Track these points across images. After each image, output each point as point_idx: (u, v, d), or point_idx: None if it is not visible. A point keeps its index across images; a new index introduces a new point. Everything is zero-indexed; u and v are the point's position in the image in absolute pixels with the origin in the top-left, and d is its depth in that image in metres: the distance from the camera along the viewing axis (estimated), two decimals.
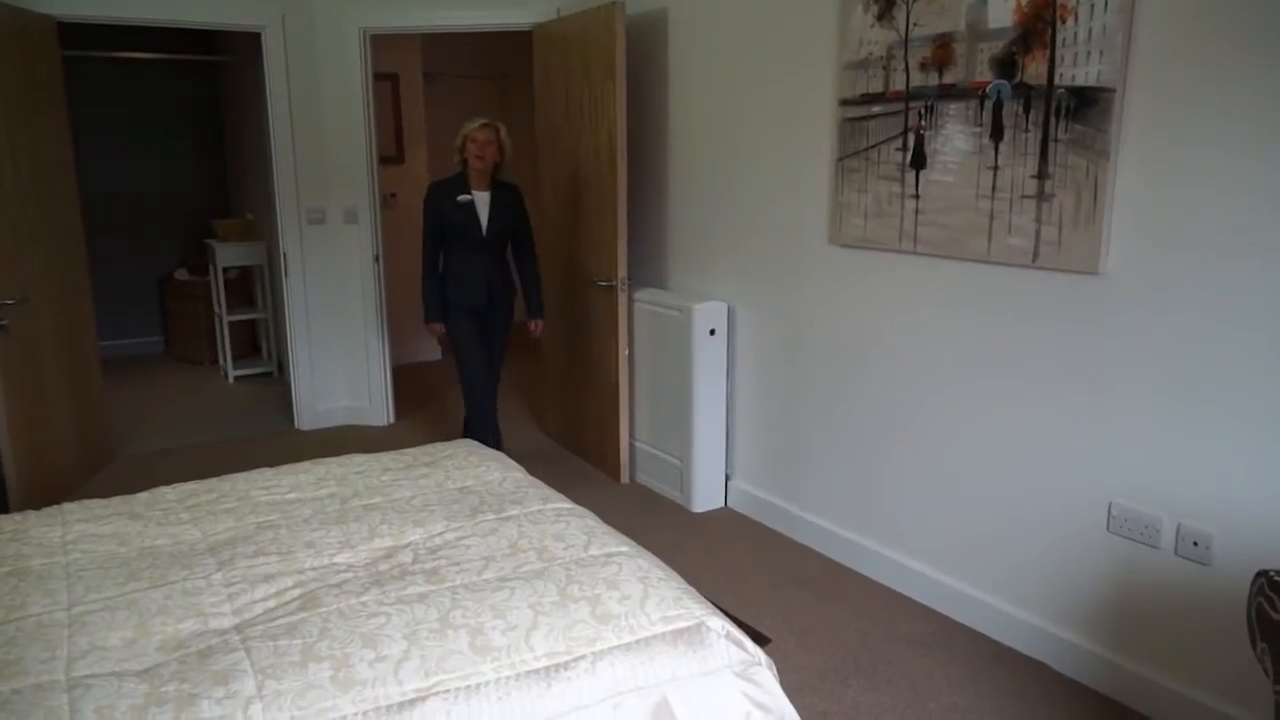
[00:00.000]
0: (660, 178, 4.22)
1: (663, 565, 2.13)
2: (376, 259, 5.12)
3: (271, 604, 1.86)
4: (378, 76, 5.25)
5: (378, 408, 5.28)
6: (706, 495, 3.99)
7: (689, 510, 3.98)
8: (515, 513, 2.34)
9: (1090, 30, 2.37)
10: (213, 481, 2.56)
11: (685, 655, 1.81)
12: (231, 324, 6.36)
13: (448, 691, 1.62)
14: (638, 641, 1.81)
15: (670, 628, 1.85)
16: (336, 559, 2.09)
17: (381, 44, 5.30)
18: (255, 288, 6.63)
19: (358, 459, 2.80)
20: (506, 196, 4.05)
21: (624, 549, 2.15)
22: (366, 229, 5.10)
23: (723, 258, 3.89)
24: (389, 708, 1.57)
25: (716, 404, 3.92)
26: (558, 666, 1.72)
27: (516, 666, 1.71)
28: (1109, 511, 2.53)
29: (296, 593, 1.90)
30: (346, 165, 5.02)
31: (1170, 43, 2.26)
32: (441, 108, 7.22)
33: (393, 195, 6.47)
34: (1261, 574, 1.69)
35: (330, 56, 4.90)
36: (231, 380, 6.34)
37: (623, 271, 4.08)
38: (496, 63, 7.43)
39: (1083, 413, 2.57)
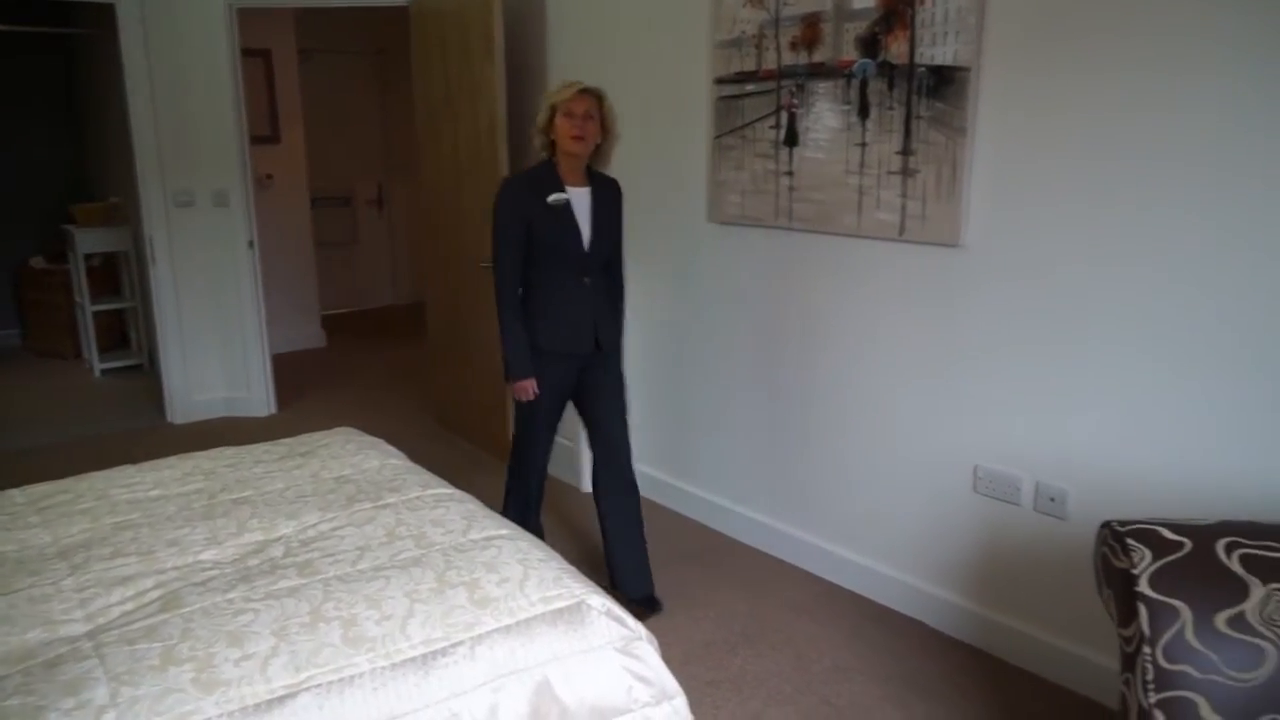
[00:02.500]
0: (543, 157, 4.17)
1: (544, 546, 2.12)
2: (251, 244, 4.93)
3: (129, 607, 1.78)
4: (248, 53, 5.04)
5: (258, 397, 5.10)
6: None
7: (581, 491, 3.97)
8: (393, 500, 2.29)
9: (947, 11, 2.44)
10: (67, 482, 2.43)
11: (566, 634, 1.81)
12: (96, 314, 6.03)
13: (319, 686, 1.58)
14: (517, 624, 1.79)
15: (550, 608, 1.85)
16: (202, 556, 2.01)
17: (251, 18, 5.08)
18: (121, 275, 6.31)
19: (228, 452, 2.70)
20: (609, 195, 2.85)
21: (504, 532, 2.13)
22: (240, 212, 4.90)
23: None
24: (256, 706, 1.52)
25: None
26: (435, 654, 1.70)
27: (392, 656, 1.68)
28: (975, 473, 2.65)
29: (157, 594, 1.82)
30: (216, 145, 4.81)
31: (1020, 24, 2.35)
32: (318, 85, 6.99)
33: (269, 176, 6.24)
34: (1106, 525, 1.79)
35: (194, 31, 4.67)
36: (98, 374, 6.02)
37: None
38: (375, 39, 7.23)
39: (949, 380, 2.67)
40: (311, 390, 5.60)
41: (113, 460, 2.66)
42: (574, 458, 3.99)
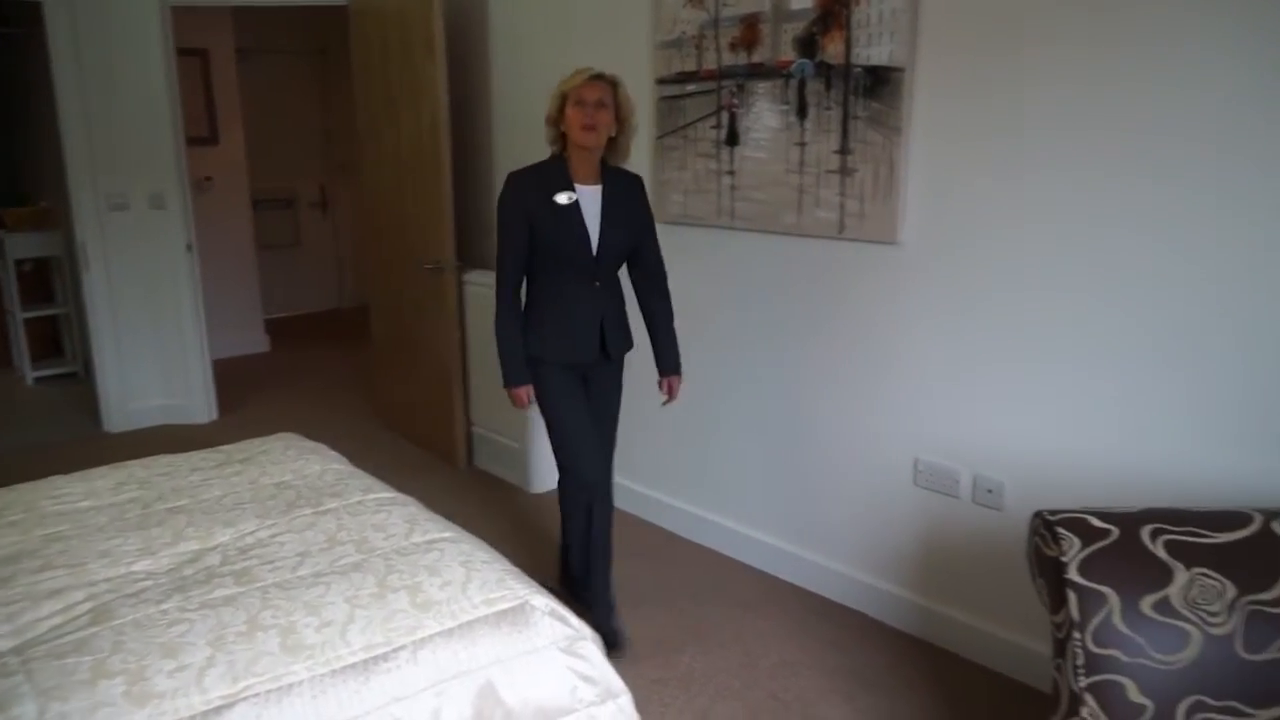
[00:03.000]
0: (486, 157, 4.16)
1: (487, 548, 2.12)
2: (189, 247, 4.82)
3: (58, 621, 1.74)
4: (184, 52, 4.93)
5: (198, 404, 5.00)
6: (544, 476, 3.98)
7: (528, 492, 3.96)
8: (334, 505, 2.26)
9: (881, 13, 2.48)
10: None
11: (509, 636, 1.81)
12: (28, 321, 5.86)
13: (257, 695, 1.56)
14: (460, 626, 1.79)
15: (493, 610, 1.84)
16: (135, 567, 1.97)
17: (187, 17, 4.97)
18: (54, 281, 6.13)
19: (164, 460, 2.64)
20: (625, 192, 2.62)
21: (447, 534, 2.12)
22: (177, 214, 4.79)
23: None
24: (192, 718, 1.50)
25: None
26: (376, 659, 1.68)
27: (332, 663, 1.66)
28: (915, 466, 2.69)
29: (87, 606, 1.78)
30: (151, 147, 4.69)
31: (952, 24, 2.39)
32: (257, 86, 6.87)
33: (207, 179, 6.12)
34: (1038, 514, 1.84)
35: (127, 30, 4.55)
36: (30, 382, 5.85)
37: (451, 254, 4.00)
38: (315, 38, 7.13)
39: (889, 375, 2.71)
40: (254, 396, 5.51)
41: (44, 471, 2.59)
42: (520, 461, 3.97)
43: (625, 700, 1.90)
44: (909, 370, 2.66)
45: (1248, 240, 1.99)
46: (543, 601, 1.89)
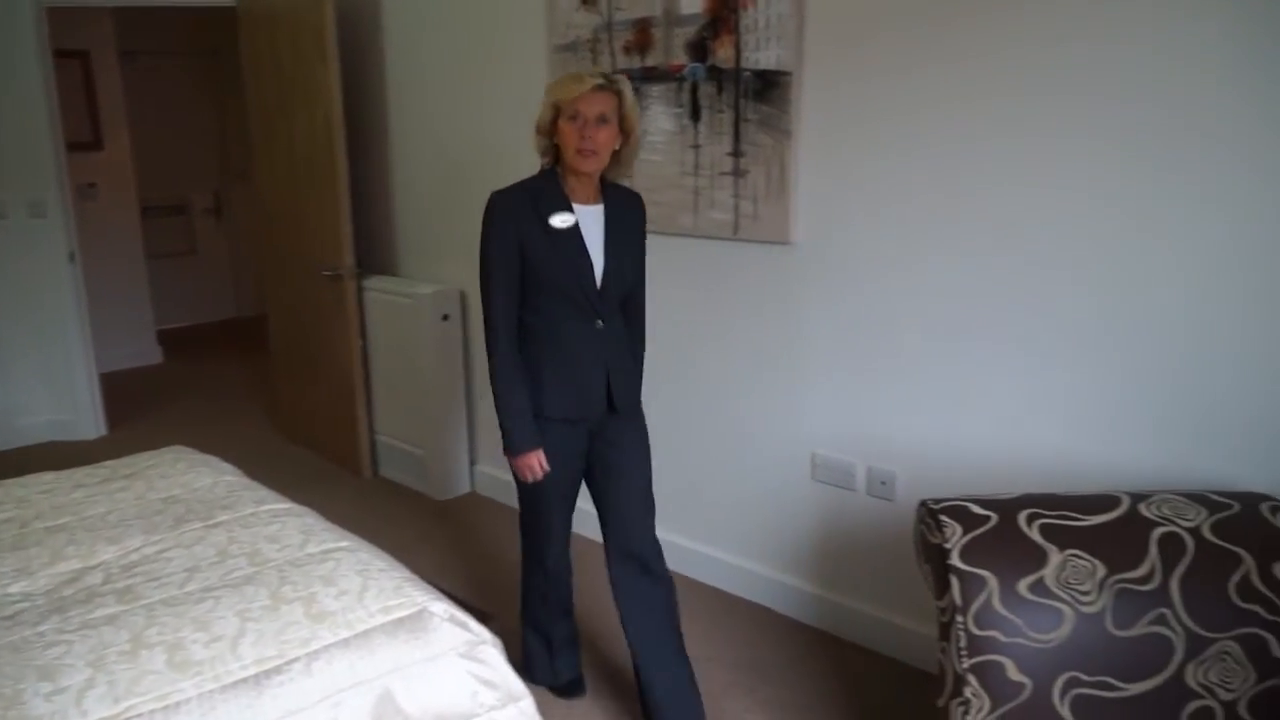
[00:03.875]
0: (384, 161, 4.10)
1: (386, 556, 2.09)
2: (72, 256, 4.62)
3: None
4: (62, 54, 4.75)
5: (86, 419, 4.79)
6: (451, 483, 3.95)
7: (434, 499, 3.92)
8: (225, 518, 2.20)
9: (769, 17, 2.54)
10: None
11: (408, 643, 1.79)
12: None
13: (141, 715, 1.51)
14: (356, 636, 1.76)
15: (391, 618, 1.82)
16: (11, 589, 1.88)
17: (64, 18, 4.77)
18: None
19: (46, 477, 2.53)
20: (627, 213, 2.25)
21: (344, 544, 2.09)
22: (58, 223, 4.59)
23: (453, 241, 3.84)
24: None
25: (455, 390, 3.89)
26: (269, 672, 1.65)
27: (222, 678, 1.62)
28: (813, 461, 2.76)
29: None
30: (28, 153, 4.48)
31: (836, 29, 2.46)
32: (145, 89, 6.62)
33: (91, 185, 5.87)
34: (923, 504, 1.91)
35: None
36: None
37: (349, 260, 3.93)
38: (205, 39, 6.90)
39: (786, 372, 2.77)
40: (146, 409, 5.30)
41: None
42: (425, 468, 3.93)
43: (527, 703, 1.90)
44: (805, 367, 2.73)
45: (1118, 242, 2.11)
46: (442, 607, 1.88)
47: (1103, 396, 2.18)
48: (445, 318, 3.79)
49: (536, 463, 2.19)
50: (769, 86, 2.58)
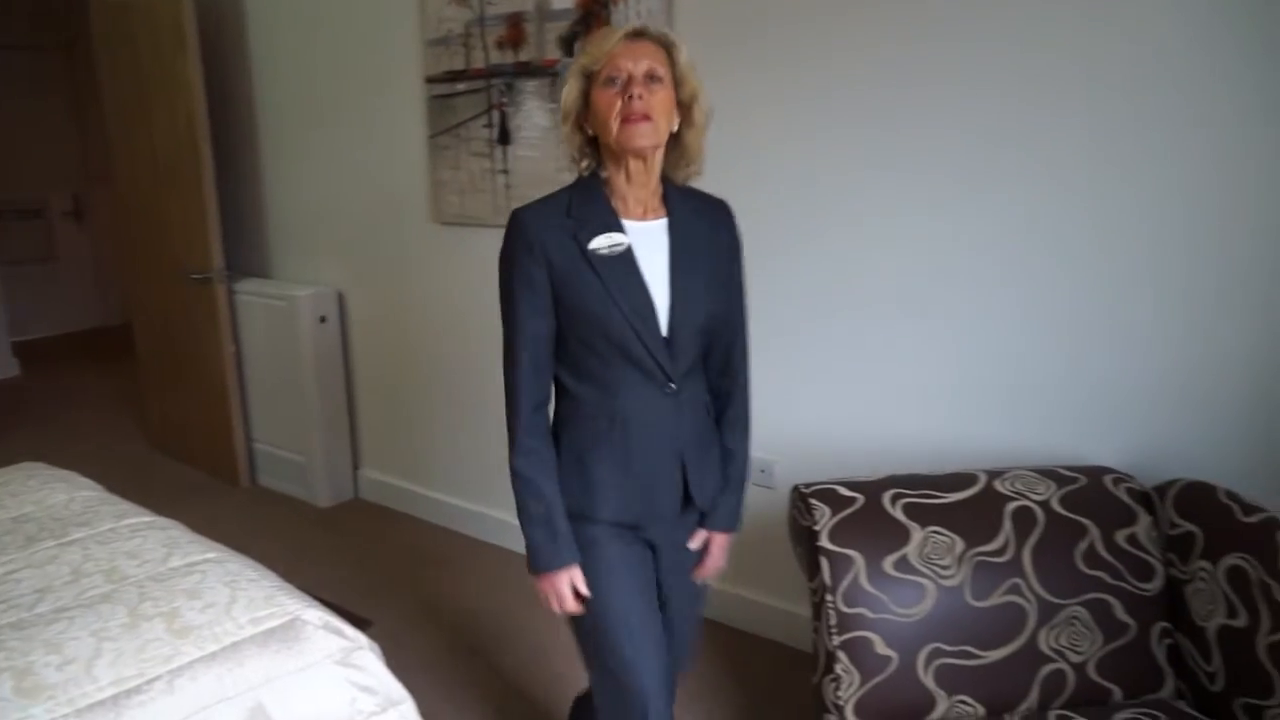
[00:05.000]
0: (253, 158, 3.96)
1: (257, 566, 2.02)
2: None
3: None
4: None
5: None
6: (334, 489, 3.85)
7: (316, 506, 3.81)
8: (81, 535, 2.09)
9: (639, 13, 2.56)
10: None
11: (279, 654, 1.73)
12: None
13: None
14: (223, 649, 1.70)
15: (260, 629, 1.76)
16: None
17: None
18: None
19: None
20: (704, 227, 1.60)
21: (211, 555, 2.01)
22: None
23: (328, 241, 3.74)
24: None
25: (335, 394, 3.79)
26: (128, 692, 1.57)
27: (76, 702, 1.54)
28: None
29: None
30: None
31: (706, 27, 2.50)
32: None
33: None
34: (795, 489, 1.96)
35: None
36: None
37: (219, 262, 3.78)
38: (60, 31, 6.53)
39: None
40: (2, 427, 4.99)
41: None
42: (306, 475, 3.82)
43: (408, 707, 1.87)
44: None
45: (963, 232, 2.20)
46: (316, 615, 1.83)
47: (957, 381, 2.28)
48: (323, 320, 3.69)
49: (565, 589, 1.56)
50: None
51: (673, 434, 1.59)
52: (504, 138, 2.97)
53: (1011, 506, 1.84)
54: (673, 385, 1.55)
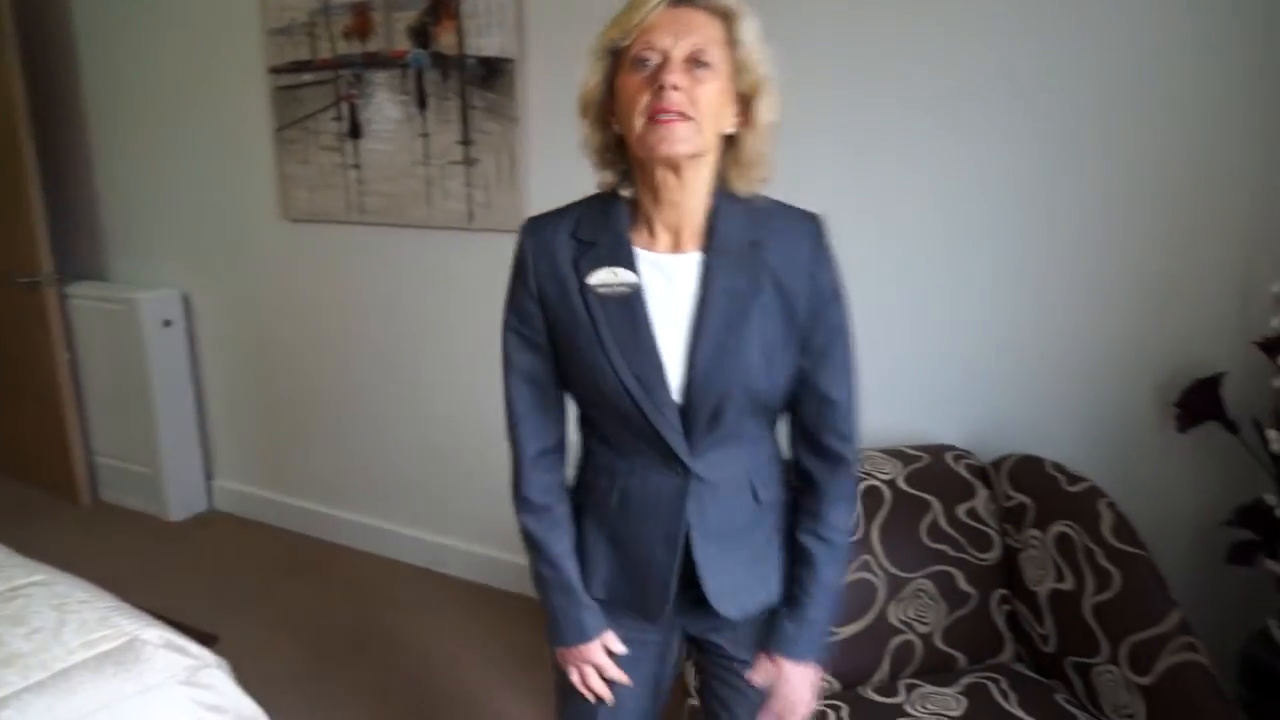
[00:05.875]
0: (82, 151, 3.70)
1: (90, 587, 1.90)
2: None
3: None
4: None
5: None
6: (185, 501, 3.66)
7: (166, 521, 3.61)
8: None
9: (489, 4, 2.53)
10: None
11: (117, 678, 1.63)
12: None
13: None
14: (52, 677, 1.59)
15: (94, 652, 1.66)
16: None
17: None
18: None
19: None
20: (767, 264, 1.18)
21: (38, 578, 1.88)
22: None
23: (171, 240, 3.55)
24: None
25: (183, 401, 3.60)
26: None
27: None
28: None
29: None
30: None
31: (557, 17, 2.49)
32: None
33: None
34: None
35: None
36: None
37: (47, 265, 3.53)
38: None
39: None
40: None
41: None
42: (154, 488, 3.62)
43: None
44: None
45: None
46: (156, 634, 1.73)
47: None
48: (167, 323, 3.50)
49: (602, 655, 1.30)
50: (494, 74, 2.56)
51: (674, 519, 1.23)
52: (354, 131, 2.88)
53: (861, 487, 1.90)
54: (685, 462, 1.20)
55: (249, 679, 1.79)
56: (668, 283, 1.19)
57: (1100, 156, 1.94)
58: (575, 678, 1.33)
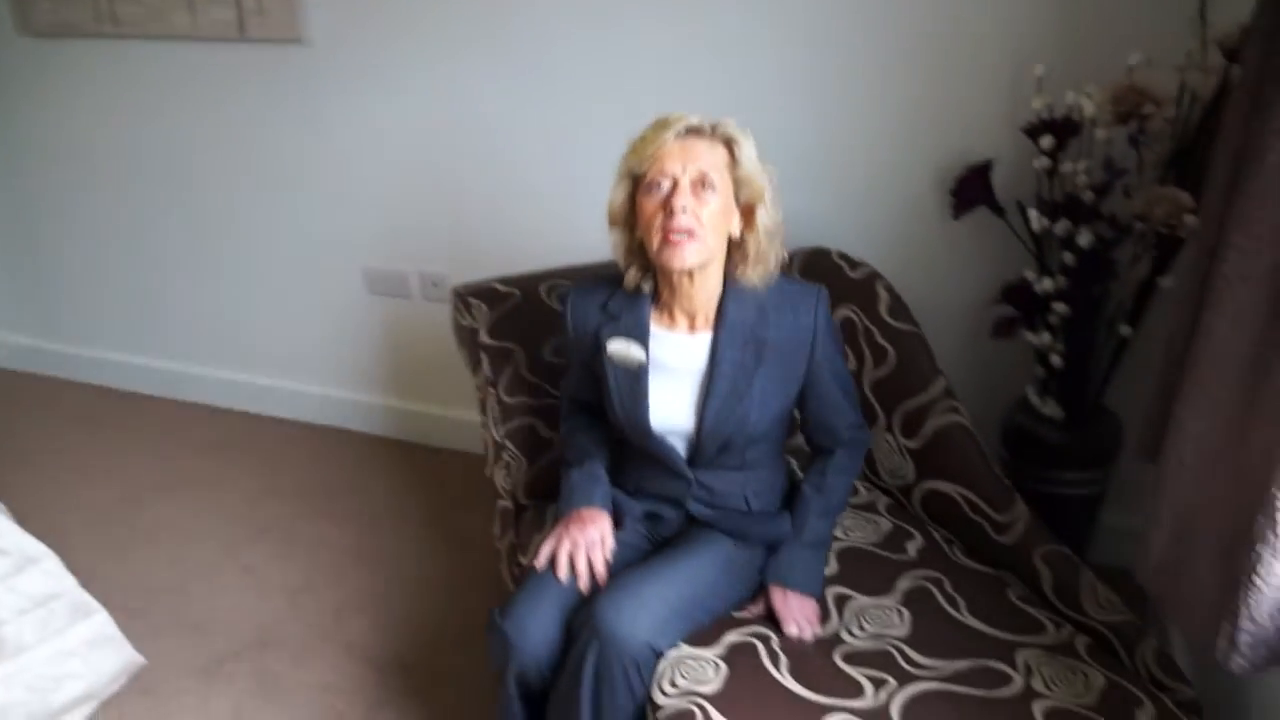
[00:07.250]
0: None
1: None
2: None
3: None
4: None
5: None
6: None
7: None
8: None
9: None
10: None
11: None
12: None
13: None
14: None
15: None
16: None
17: None
18: None
19: None
20: (773, 332, 1.46)
21: None
22: None
23: None
24: None
25: None
26: None
27: None
28: (366, 275, 2.68)
29: None
30: None
31: None
32: None
33: None
34: (454, 290, 1.94)
35: None
36: None
37: None
38: None
39: (325, 185, 2.63)
40: None
41: None
42: None
43: (51, 564, 1.71)
44: (340, 178, 2.59)
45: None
46: None
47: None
48: None
49: (597, 531, 1.44)
50: None
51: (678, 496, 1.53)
52: None
53: None
54: (688, 479, 1.50)
55: (39, 526, 1.69)
56: (682, 357, 1.46)
57: None
58: (564, 555, 1.42)
